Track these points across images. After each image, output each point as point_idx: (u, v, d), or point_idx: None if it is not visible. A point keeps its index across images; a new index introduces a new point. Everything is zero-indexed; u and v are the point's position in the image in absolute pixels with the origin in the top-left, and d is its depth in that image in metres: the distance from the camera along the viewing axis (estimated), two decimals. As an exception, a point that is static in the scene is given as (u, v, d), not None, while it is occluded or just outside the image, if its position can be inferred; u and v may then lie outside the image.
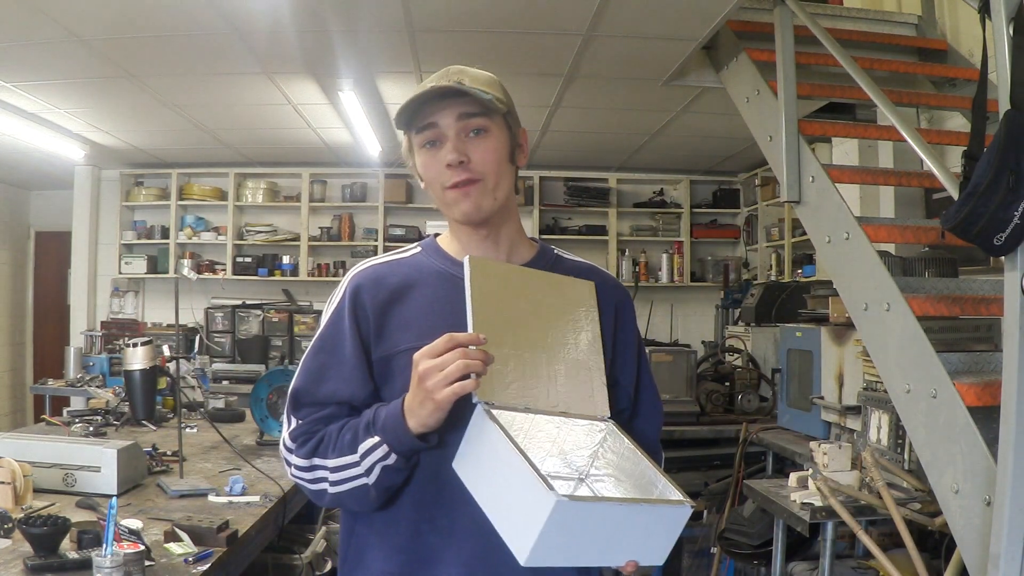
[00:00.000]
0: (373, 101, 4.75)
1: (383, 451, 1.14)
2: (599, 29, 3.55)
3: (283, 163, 6.66)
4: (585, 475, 1.23)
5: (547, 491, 0.96)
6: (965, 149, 1.75)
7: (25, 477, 2.09)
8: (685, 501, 1.09)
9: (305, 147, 6.10)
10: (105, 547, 1.49)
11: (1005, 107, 1.59)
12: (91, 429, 3.21)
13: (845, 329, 3.25)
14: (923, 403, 1.91)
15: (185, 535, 1.88)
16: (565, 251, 1.41)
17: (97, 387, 5.14)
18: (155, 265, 6.76)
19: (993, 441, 1.65)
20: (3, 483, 2.03)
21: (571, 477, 1.23)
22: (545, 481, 0.98)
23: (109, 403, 3.69)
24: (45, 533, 1.72)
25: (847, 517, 2.40)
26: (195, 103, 4.88)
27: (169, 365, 3.69)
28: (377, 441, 1.14)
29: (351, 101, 4.65)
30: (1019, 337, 1.57)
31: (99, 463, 2.31)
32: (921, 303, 2.03)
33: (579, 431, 1.23)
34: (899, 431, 2.67)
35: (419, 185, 1.32)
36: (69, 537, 1.78)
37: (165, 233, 6.76)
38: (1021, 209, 1.53)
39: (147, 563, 1.65)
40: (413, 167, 1.31)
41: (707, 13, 3.14)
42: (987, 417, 1.75)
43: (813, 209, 2.52)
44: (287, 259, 6.75)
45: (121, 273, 6.74)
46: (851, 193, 3.50)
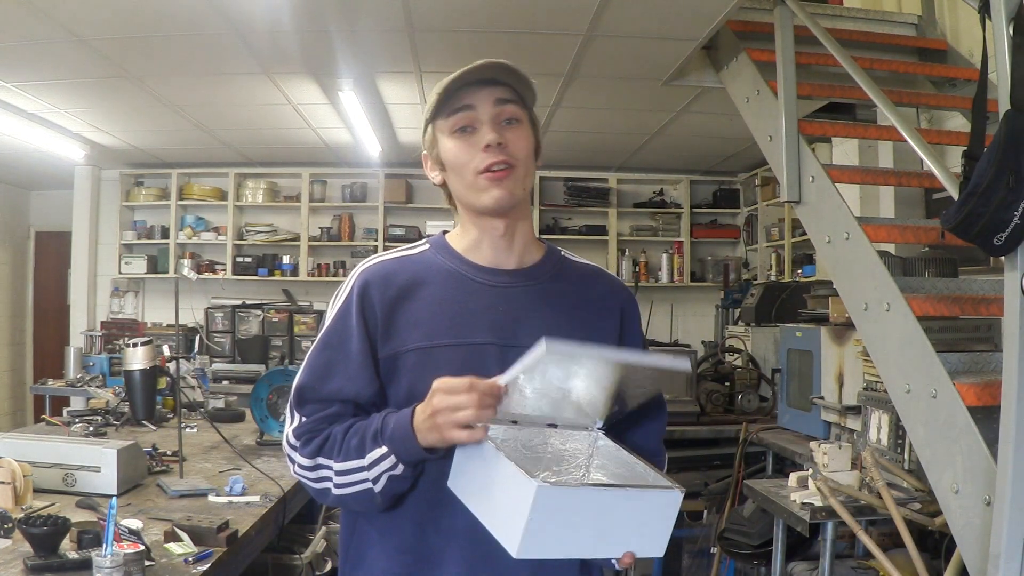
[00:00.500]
0: (373, 101, 4.76)
1: (391, 462, 1.14)
2: (599, 29, 3.55)
3: (283, 163, 6.66)
4: (578, 478, 1.24)
5: (528, 480, 0.98)
6: (965, 149, 1.75)
7: (25, 477, 2.09)
8: (675, 486, 1.09)
9: (305, 147, 6.10)
10: (105, 547, 1.49)
11: (1005, 107, 1.59)
12: (91, 429, 3.21)
13: (845, 329, 3.25)
14: (923, 403, 1.91)
15: (185, 535, 1.88)
16: (570, 252, 1.41)
17: (97, 387, 5.14)
18: (155, 265, 6.76)
19: (993, 441, 1.65)
20: (3, 483, 2.03)
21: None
22: (526, 472, 0.99)
23: (109, 403, 3.69)
24: (45, 533, 1.71)
25: (847, 517, 2.40)
26: (195, 103, 4.88)
27: (169, 365, 3.69)
28: (385, 452, 1.14)
29: (351, 101, 4.65)
30: (1019, 337, 1.57)
31: (99, 463, 2.31)
32: (921, 303, 2.03)
33: (571, 440, 1.23)
34: (899, 431, 2.67)
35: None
36: (69, 537, 1.78)
37: (165, 233, 6.76)
38: (1021, 209, 1.53)
39: (147, 563, 1.65)
40: (433, 159, 1.30)
41: (707, 13, 3.14)
42: (987, 417, 1.75)
43: (813, 209, 2.52)
44: (287, 259, 6.74)
45: (121, 273, 6.74)
46: (851, 193, 3.50)
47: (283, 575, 2.58)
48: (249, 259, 6.73)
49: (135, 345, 2.63)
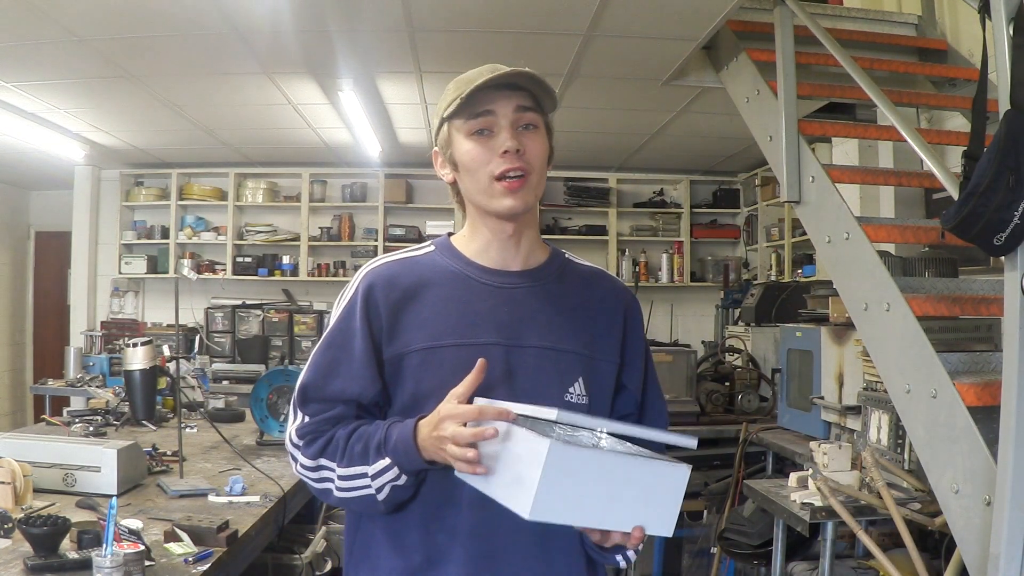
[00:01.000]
0: (373, 101, 4.76)
1: (394, 473, 1.16)
2: (599, 29, 3.55)
3: (283, 163, 6.66)
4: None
5: (541, 439, 0.98)
6: (965, 149, 1.75)
7: (25, 477, 2.09)
8: (682, 463, 1.09)
9: (305, 147, 6.10)
10: (105, 547, 1.50)
11: (1005, 107, 1.59)
12: (91, 429, 3.21)
13: (845, 329, 3.25)
14: (923, 403, 1.91)
15: (185, 535, 1.88)
16: (574, 255, 1.41)
17: (97, 387, 5.14)
18: (155, 265, 6.76)
19: (993, 441, 1.65)
20: (3, 483, 2.03)
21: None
22: (539, 432, 0.99)
23: (109, 403, 3.69)
24: (45, 533, 1.72)
25: (847, 517, 2.40)
26: (195, 103, 4.88)
27: (169, 365, 3.70)
28: (388, 463, 1.16)
29: (351, 101, 4.65)
30: (1019, 337, 1.57)
31: (99, 463, 2.31)
32: (921, 303, 2.03)
33: (575, 441, 1.23)
34: (899, 431, 2.67)
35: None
36: (69, 537, 1.78)
37: (165, 233, 6.75)
38: (1021, 209, 1.53)
39: (147, 563, 1.65)
40: (445, 158, 1.30)
41: (707, 13, 3.14)
42: (987, 417, 1.75)
43: (813, 209, 2.52)
44: (287, 259, 6.74)
45: (121, 273, 6.73)
46: (851, 193, 3.50)
47: (283, 575, 2.58)
48: (249, 259, 6.72)
49: (135, 345, 2.63)
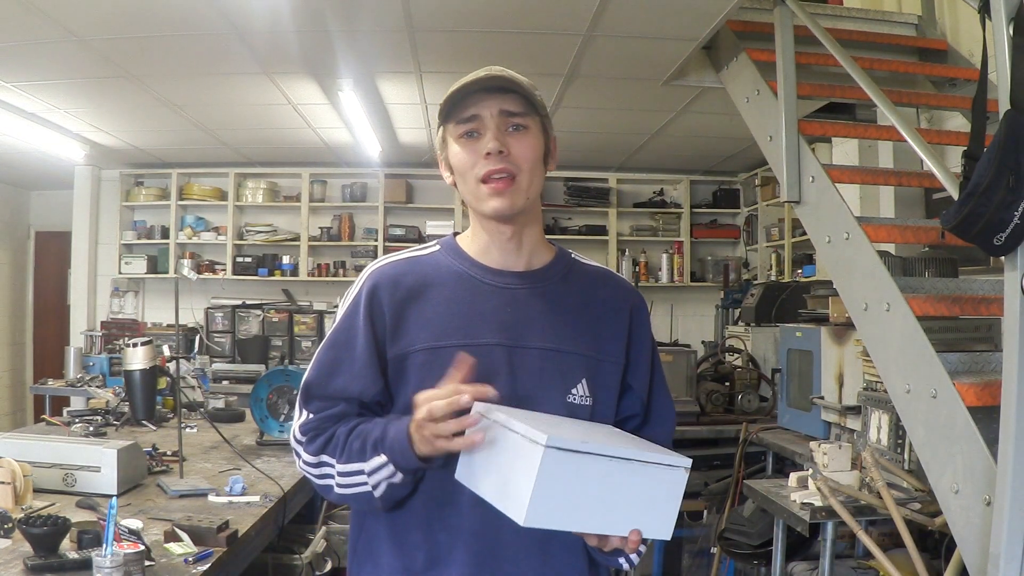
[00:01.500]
0: (373, 101, 4.76)
1: (389, 471, 1.17)
2: (599, 29, 3.55)
3: (283, 163, 6.66)
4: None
5: (535, 444, 0.98)
6: (965, 149, 1.75)
7: (25, 477, 2.09)
8: (679, 464, 1.09)
9: (305, 147, 6.10)
10: (105, 547, 1.49)
11: (1005, 107, 1.59)
12: (91, 429, 3.21)
13: (845, 329, 3.25)
14: (923, 403, 1.91)
15: (185, 535, 1.88)
16: (580, 255, 1.41)
17: (97, 387, 5.13)
18: (155, 265, 6.76)
19: (993, 441, 1.65)
20: (3, 483, 2.03)
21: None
22: (534, 436, 0.99)
23: (109, 403, 3.69)
24: (45, 533, 1.72)
25: (847, 517, 2.40)
26: (195, 103, 4.88)
27: (169, 365, 3.70)
28: (384, 461, 1.17)
29: (351, 101, 4.65)
30: (1019, 337, 1.57)
31: (99, 463, 2.31)
32: (921, 303, 2.03)
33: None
34: (899, 431, 2.67)
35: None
36: (69, 537, 1.78)
37: (165, 233, 6.75)
38: (1021, 209, 1.53)
39: (147, 563, 1.65)
40: (443, 160, 1.31)
41: (707, 13, 3.13)
42: (987, 417, 1.75)
43: (813, 209, 2.52)
44: (287, 259, 6.74)
45: (121, 273, 6.73)
46: (851, 193, 3.50)
47: (283, 575, 2.58)
48: (249, 259, 6.72)
49: (135, 345, 2.63)
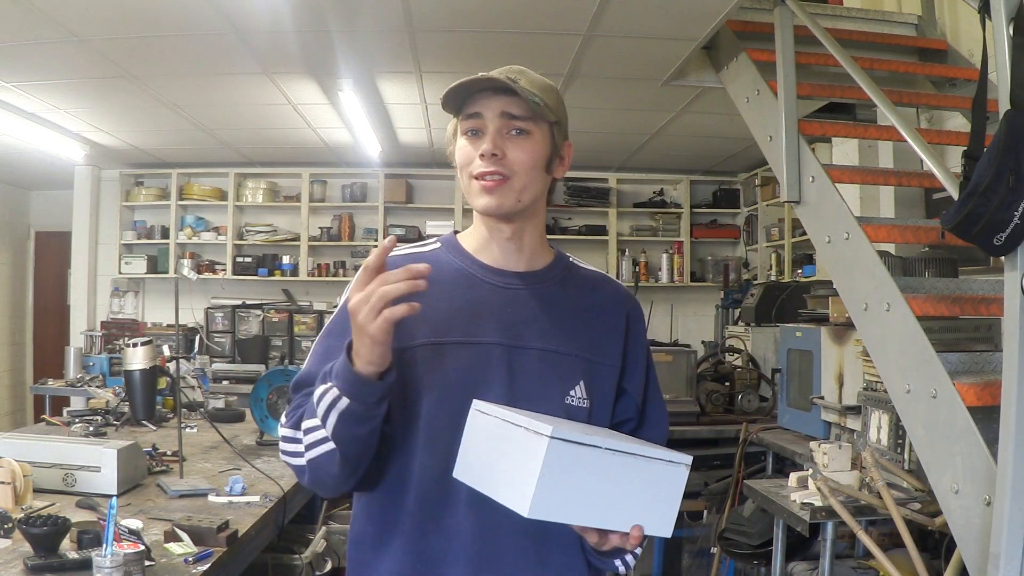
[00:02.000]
0: (373, 101, 4.76)
1: (334, 394, 1.11)
2: (599, 29, 3.55)
3: (283, 163, 6.66)
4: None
5: (539, 436, 0.98)
6: (965, 149, 1.75)
7: (25, 477, 2.09)
8: (680, 461, 1.09)
9: (305, 147, 6.10)
10: (105, 547, 1.49)
11: (1005, 107, 1.59)
12: (91, 429, 3.21)
13: (845, 329, 3.25)
14: (923, 403, 1.91)
15: (185, 535, 1.88)
16: (578, 259, 1.41)
17: (97, 387, 5.14)
18: (155, 265, 6.76)
19: (993, 441, 1.65)
20: (3, 483, 2.03)
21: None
22: (537, 428, 0.99)
23: (109, 403, 3.69)
24: (45, 533, 1.72)
25: (847, 517, 2.40)
26: (195, 103, 4.88)
27: (169, 365, 3.70)
28: (328, 386, 1.12)
29: (351, 101, 4.65)
30: (1019, 337, 1.57)
31: (99, 463, 2.31)
32: (921, 303, 2.03)
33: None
34: (899, 431, 2.67)
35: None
36: (69, 537, 1.78)
37: (165, 233, 6.76)
38: (1021, 209, 1.53)
39: (147, 563, 1.65)
40: (451, 152, 1.31)
41: (707, 13, 3.14)
42: (987, 417, 1.75)
43: (813, 209, 2.52)
44: (287, 259, 6.74)
45: (121, 273, 6.73)
46: (851, 193, 3.50)
47: (283, 575, 2.58)
48: (249, 259, 6.72)
49: (135, 345, 2.63)
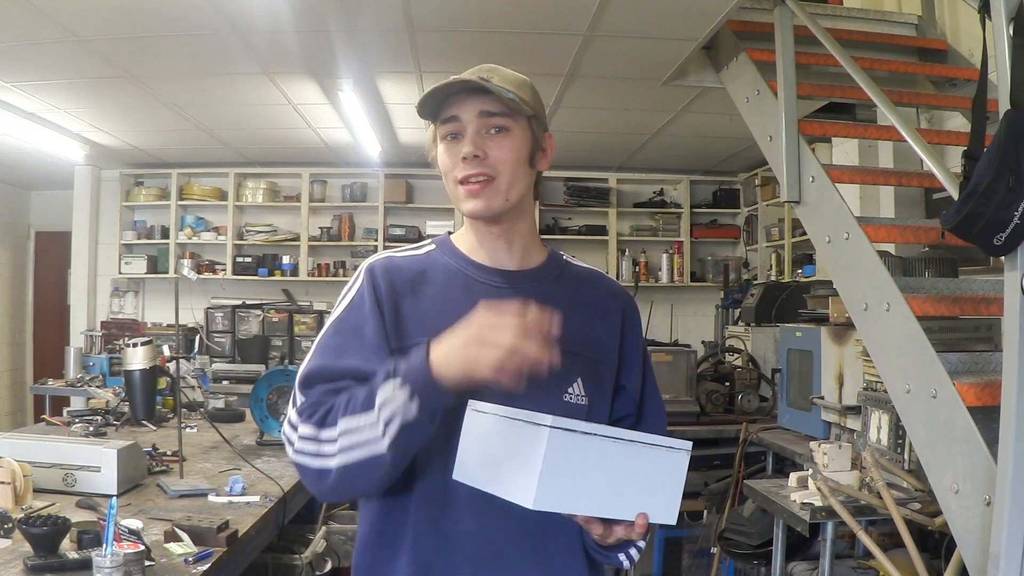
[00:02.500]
0: (373, 101, 4.76)
1: (404, 396, 1.04)
2: (599, 29, 3.55)
3: (283, 163, 6.66)
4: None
5: (539, 426, 0.99)
6: (965, 149, 1.75)
7: (25, 477, 2.09)
8: (681, 448, 1.09)
9: (305, 147, 6.10)
10: (105, 547, 1.49)
11: (1005, 107, 1.59)
12: (91, 429, 3.21)
13: (845, 329, 3.25)
14: (923, 403, 1.91)
15: (185, 535, 1.88)
16: (571, 256, 1.41)
17: (97, 387, 5.14)
18: (155, 265, 6.76)
19: (993, 441, 1.65)
20: (3, 483, 2.03)
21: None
22: (538, 420, 1.00)
23: (109, 403, 3.69)
24: (45, 533, 1.72)
25: (847, 517, 2.40)
26: (195, 103, 4.88)
27: (169, 365, 3.70)
28: (398, 384, 1.05)
29: (351, 101, 4.65)
30: (1019, 337, 1.57)
31: (99, 463, 2.31)
32: (921, 303, 2.03)
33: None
34: (899, 431, 2.67)
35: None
36: (69, 537, 1.78)
37: (165, 233, 6.76)
38: (1021, 209, 1.53)
39: (147, 563, 1.65)
40: (434, 158, 1.31)
41: (707, 13, 3.14)
42: (987, 417, 1.75)
43: (813, 209, 2.52)
44: (287, 259, 6.74)
45: (121, 273, 6.73)
46: (851, 193, 3.50)
47: (283, 575, 2.58)
48: (249, 259, 6.72)
49: (135, 345, 2.63)
